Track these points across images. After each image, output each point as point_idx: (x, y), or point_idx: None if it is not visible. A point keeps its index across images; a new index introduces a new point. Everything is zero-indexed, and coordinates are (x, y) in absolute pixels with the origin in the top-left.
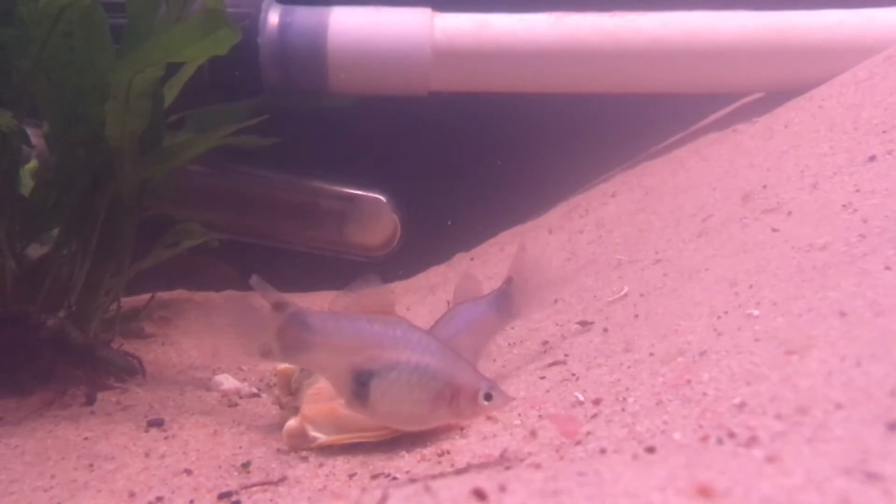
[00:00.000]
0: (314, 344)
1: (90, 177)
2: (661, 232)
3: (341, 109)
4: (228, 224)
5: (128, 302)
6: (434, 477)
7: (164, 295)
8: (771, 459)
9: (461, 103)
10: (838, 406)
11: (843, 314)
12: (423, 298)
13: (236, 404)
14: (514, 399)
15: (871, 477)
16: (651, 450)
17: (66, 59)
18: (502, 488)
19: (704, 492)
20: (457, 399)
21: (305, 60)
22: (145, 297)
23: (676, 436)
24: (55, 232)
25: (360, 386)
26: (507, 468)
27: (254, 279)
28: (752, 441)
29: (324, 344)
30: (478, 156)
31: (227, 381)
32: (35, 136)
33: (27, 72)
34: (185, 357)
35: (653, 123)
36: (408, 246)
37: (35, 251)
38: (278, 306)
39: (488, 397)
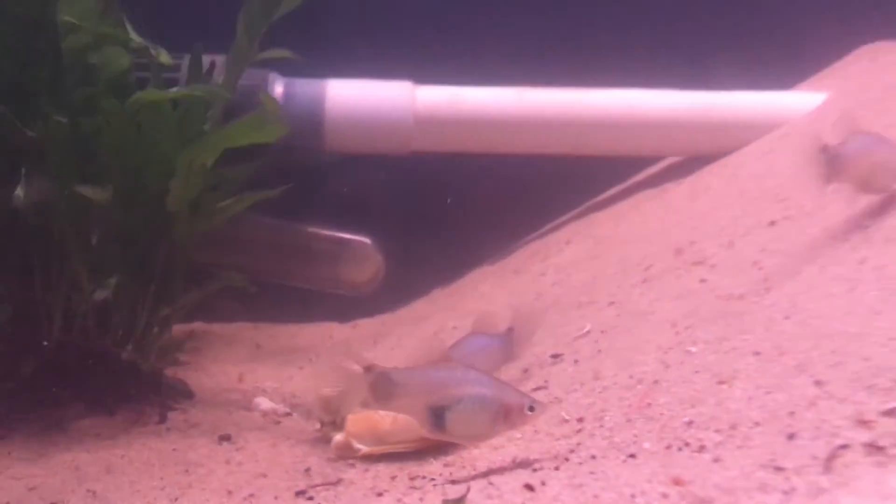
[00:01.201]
0: (397, 394)
1: (149, 234)
2: (612, 278)
3: (335, 165)
4: (238, 264)
5: None
6: (490, 481)
7: (185, 327)
8: (716, 460)
9: (438, 163)
10: (756, 423)
11: (756, 353)
12: (411, 330)
13: (279, 422)
14: (549, 406)
15: (778, 469)
16: (633, 455)
17: (134, 139)
18: (543, 483)
19: (678, 482)
20: (509, 415)
21: (306, 125)
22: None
23: (646, 445)
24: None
25: (436, 419)
26: (535, 470)
27: (351, 353)
28: (702, 448)
29: (404, 393)
30: (450, 207)
31: (265, 403)
32: None
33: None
34: (216, 381)
35: (594, 179)
36: (390, 283)
37: (99, 295)
38: (368, 369)
39: (531, 409)
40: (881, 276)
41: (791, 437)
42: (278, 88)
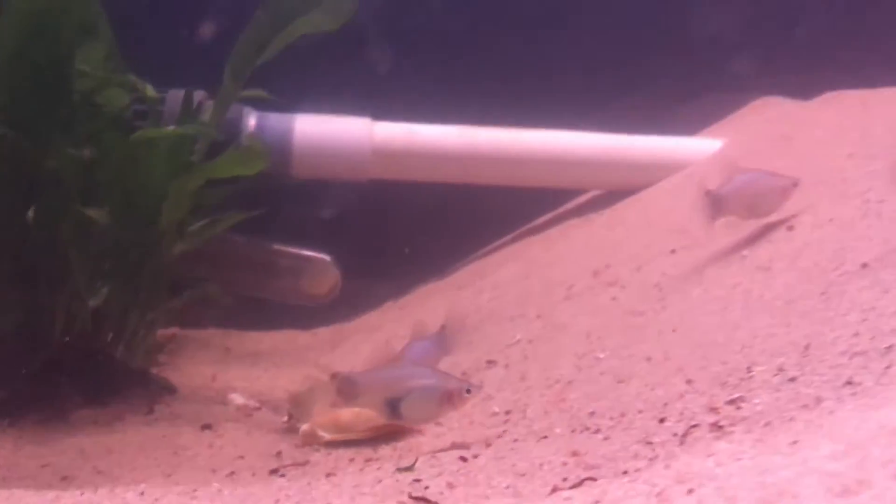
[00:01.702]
0: (359, 393)
1: (140, 250)
2: (540, 295)
3: (301, 189)
4: (210, 276)
5: None
6: (433, 455)
7: (164, 332)
8: (606, 438)
9: (393, 189)
10: (640, 412)
11: (648, 359)
12: (366, 338)
13: (251, 415)
14: (482, 387)
15: (648, 444)
16: (546, 437)
17: (131, 169)
18: (475, 456)
19: (575, 454)
20: (451, 398)
21: (275, 154)
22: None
23: (557, 430)
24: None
25: (393, 409)
26: (468, 449)
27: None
28: (598, 431)
29: (365, 391)
30: (402, 228)
31: (238, 398)
32: None
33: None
34: (193, 380)
35: (528, 207)
36: (347, 295)
37: (95, 302)
38: (334, 375)
39: (468, 391)
40: (747, 298)
41: (662, 420)
42: (252, 121)
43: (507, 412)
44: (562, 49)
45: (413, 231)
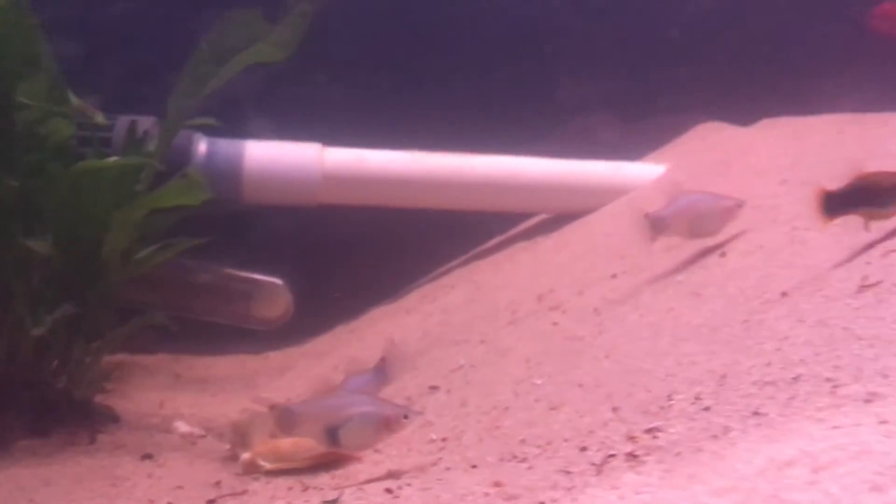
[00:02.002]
0: (298, 423)
1: (84, 279)
2: (485, 319)
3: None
4: (158, 301)
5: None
6: (360, 487)
7: (112, 358)
8: (529, 467)
9: (343, 214)
10: (565, 440)
11: (580, 385)
12: (317, 362)
13: (195, 443)
14: (422, 414)
15: (567, 473)
16: (475, 466)
17: (74, 199)
18: (400, 488)
19: (497, 484)
20: (389, 424)
21: (226, 179)
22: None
23: (489, 458)
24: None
25: (331, 437)
26: (398, 478)
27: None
28: (524, 459)
29: (303, 421)
30: (351, 252)
31: (183, 426)
32: None
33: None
34: (140, 407)
35: (478, 231)
36: (298, 319)
37: (38, 332)
38: (272, 407)
39: (406, 417)
40: (677, 324)
41: (583, 449)
42: (202, 147)
43: (444, 439)
44: (511, 76)
45: (363, 255)
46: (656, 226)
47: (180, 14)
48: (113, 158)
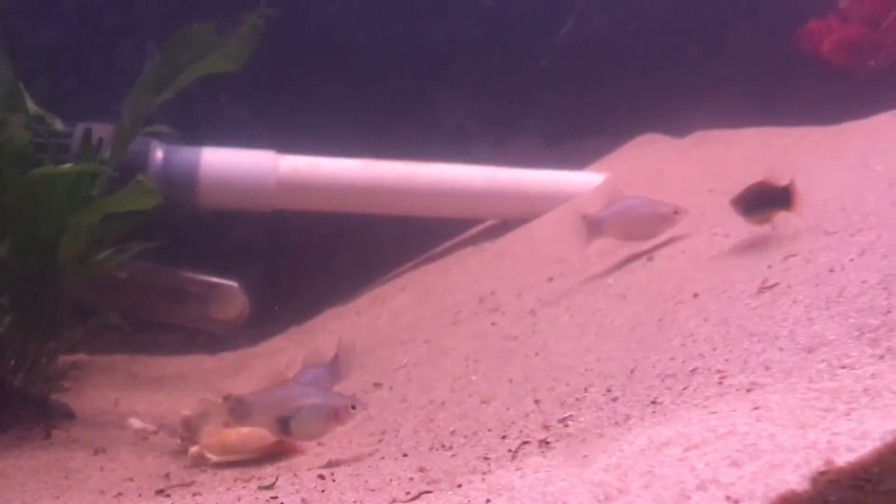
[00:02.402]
0: (251, 413)
1: (41, 280)
2: (430, 320)
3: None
4: (119, 304)
5: None
6: (295, 474)
7: (69, 358)
8: (454, 455)
9: (297, 219)
10: (489, 430)
11: (510, 381)
12: (268, 362)
13: (147, 438)
14: (367, 406)
15: (486, 459)
16: (406, 455)
17: (30, 204)
18: (332, 474)
19: (422, 469)
20: (338, 414)
21: (182, 185)
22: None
23: (420, 448)
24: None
25: (283, 426)
26: (333, 467)
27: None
28: (451, 448)
29: (256, 411)
30: (306, 256)
31: (136, 423)
32: None
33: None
34: (95, 405)
35: (429, 236)
36: (253, 321)
37: None
38: (227, 397)
39: (353, 407)
40: (602, 323)
41: (504, 438)
42: (159, 154)
43: (383, 432)
44: (467, 91)
45: (315, 258)
46: (593, 227)
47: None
48: (68, 165)
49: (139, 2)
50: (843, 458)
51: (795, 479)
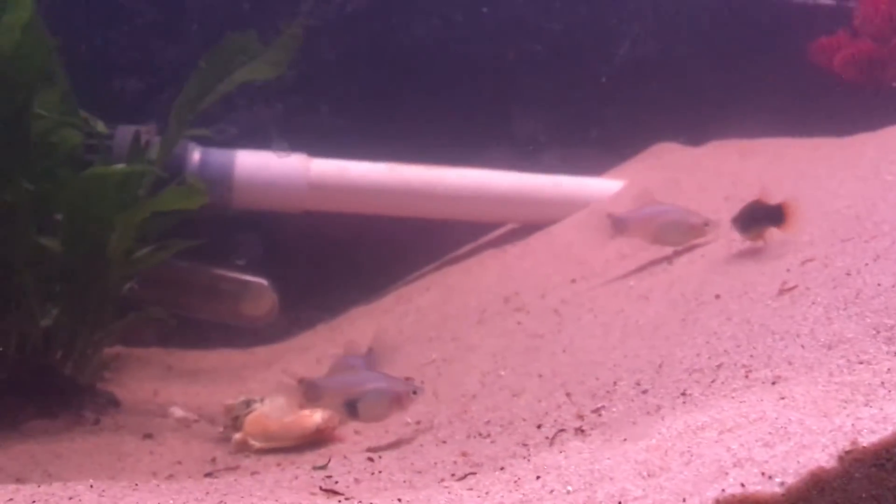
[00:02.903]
0: (322, 395)
1: (89, 275)
2: (456, 319)
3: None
4: (156, 298)
5: None
6: (345, 456)
7: (110, 350)
8: (493, 442)
9: (327, 220)
10: (524, 420)
11: (540, 375)
12: (298, 357)
13: (189, 426)
14: (425, 390)
15: (525, 445)
16: (444, 442)
17: (80, 201)
18: (380, 457)
19: (464, 454)
20: (400, 400)
21: (217, 186)
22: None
23: (457, 437)
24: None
25: (350, 409)
26: (379, 451)
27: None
28: (489, 436)
29: (327, 394)
30: (336, 256)
31: (178, 411)
32: None
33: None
34: (135, 395)
35: (451, 238)
36: (283, 317)
37: (47, 323)
38: (301, 381)
39: (415, 393)
40: (626, 323)
41: (539, 427)
42: (196, 155)
43: (418, 422)
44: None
45: (345, 258)
46: (617, 226)
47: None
48: (119, 165)
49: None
50: (867, 439)
51: (824, 458)
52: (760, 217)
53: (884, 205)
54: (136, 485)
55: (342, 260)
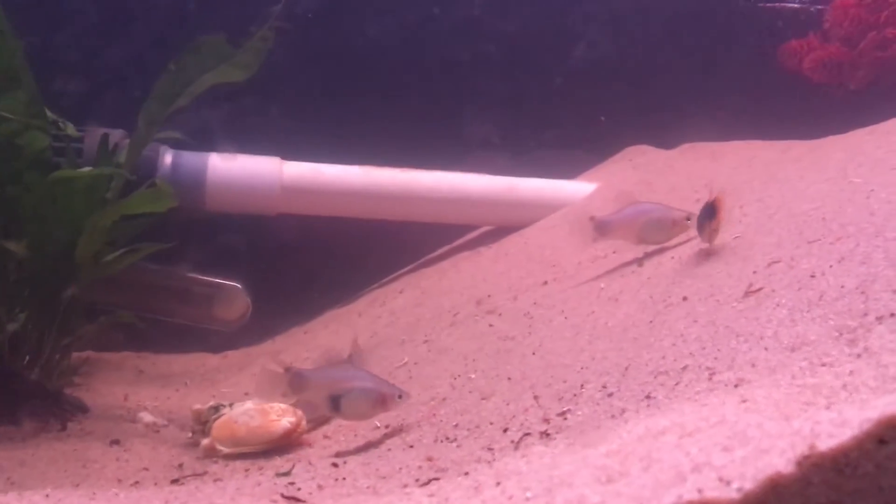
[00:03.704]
0: (308, 386)
1: (57, 279)
2: (429, 321)
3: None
4: (125, 303)
5: None
6: (310, 462)
7: (80, 354)
8: (458, 446)
9: (299, 222)
10: (491, 423)
11: (509, 378)
12: (271, 361)
13: (158, 431)
14: (411, 396)
15: (490, 449)
16: (412, 446)
17: (47, 204)
18: (345, 462)
19: (430, 459)
20: (385, 401)
21: (190, 189)
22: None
23: (424, 441)
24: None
25: (333, 404)
26: (345, 456)
27: (272, 358)
28: (455, 440)
29: (312, 385)
30: (309, 259)
31: (147, 416)
32: None
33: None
34: (105, 400)
35: (425, 241)
36: (255, 321)
37: (13, 327)
38: (287, 369)
39: (400, 398)
40: (595, 325)
41: (505, 430)
42: (168, 158)
43: (388, 426)
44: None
45: (319, 261)
46: (600, 228)
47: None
48: (87, 168)
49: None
50: (825, 444)
51: (782, 463)
52: (709, 217)
53: (850, 207)
54: (94, 493)
55: (316, 263)
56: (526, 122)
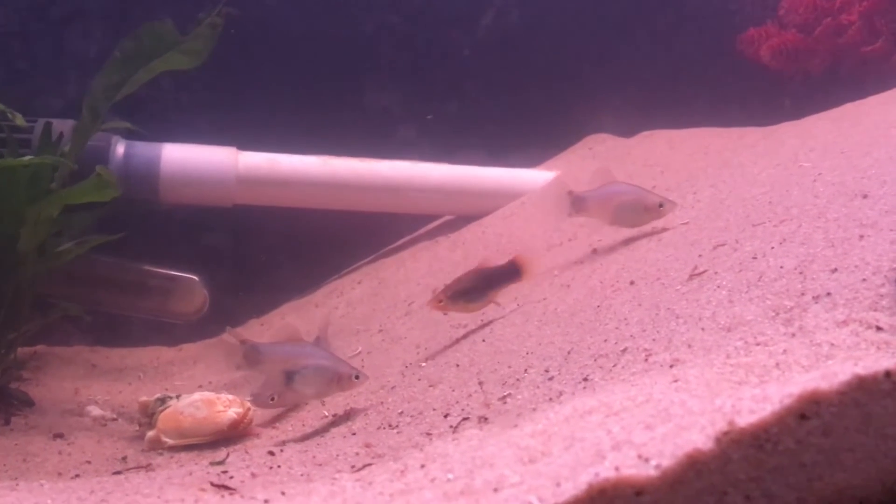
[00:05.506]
0: (262, 360)
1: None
2: (385, 311)
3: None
4: (79, 296)
5: None
6: (246, 451)
7: (28, 349)
8: (399, 432)
9: (256, 214)
10: (434, 409)
11: (457, 365)
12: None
13: (105, 425)
14: (369, 378)
15: (426, 434)
16: (354, 434)
17: None
18: (282, 451)
19: (368, 445)
20: (341, 380)
21: (143, 180)
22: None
23: (369, 428)
24: None
25: (288, 380)
26: (285, 444)
27: (229, 330)
28: (397, 427)
29: (267, 360)
30: (267, 251)
31: (95, 410)
32: None
33: None
34: (54, 394)
35: (385, 231)
36: (213, 313)
37: None
38: (243, 342)
39: (357, 378)
40: (545, 311)
41: (446, 416)
42: (120, 149)
43: (334, 415)
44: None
45: (276, 253)
46: (576, 204)
47: None
48: (28, 157)
49: None
50: (745, 420)
51: (701, 439)
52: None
53: (797, 190)
54: (17, 483)
55: (273, 254)
56: (429, 93)
